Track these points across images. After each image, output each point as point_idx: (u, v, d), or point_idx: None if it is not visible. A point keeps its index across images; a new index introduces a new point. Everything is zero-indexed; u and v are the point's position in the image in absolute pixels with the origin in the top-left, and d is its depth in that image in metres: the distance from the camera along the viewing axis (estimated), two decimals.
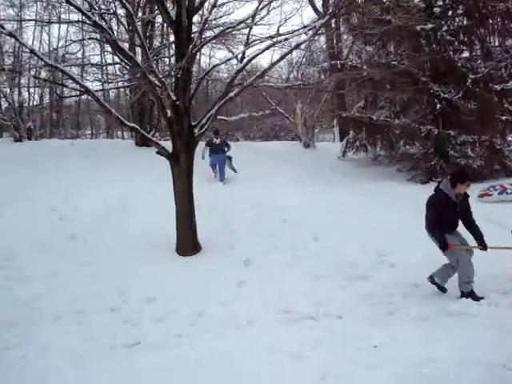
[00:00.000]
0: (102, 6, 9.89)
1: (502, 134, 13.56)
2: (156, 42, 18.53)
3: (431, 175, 13.29)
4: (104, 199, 11.33)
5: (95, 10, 8.67)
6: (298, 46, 8.23)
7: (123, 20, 13.69)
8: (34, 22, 19.56)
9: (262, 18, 8.61)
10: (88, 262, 8.38)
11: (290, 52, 8.65)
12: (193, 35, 8.61)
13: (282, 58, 8.36)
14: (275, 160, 16.10)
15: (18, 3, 19.25)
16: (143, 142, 14.89)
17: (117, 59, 12.73)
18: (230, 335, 5.64)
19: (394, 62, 13.73)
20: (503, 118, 12.90)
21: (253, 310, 6.31)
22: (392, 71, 13.54)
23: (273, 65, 8.47)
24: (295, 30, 8.20)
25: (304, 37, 8.77)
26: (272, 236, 9.35)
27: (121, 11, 11.77)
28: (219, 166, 13.88)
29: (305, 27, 8.29)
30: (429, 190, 12.26)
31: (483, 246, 6.42)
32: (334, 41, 19.30)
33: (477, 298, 6.09)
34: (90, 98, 8.57)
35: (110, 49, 14.69)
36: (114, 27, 13.61)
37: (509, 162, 13.40)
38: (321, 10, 18.47)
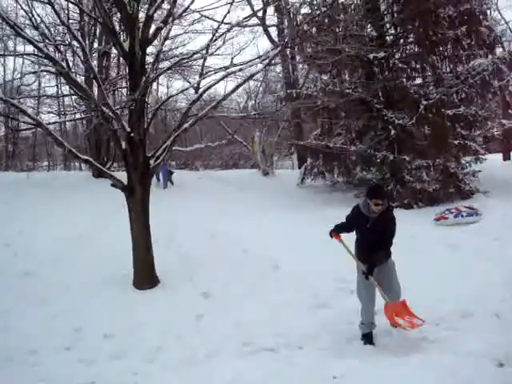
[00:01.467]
0: (58, 38, 9.79)
1: (456, 158, 13.85)
2: (112, 73, 18.46)
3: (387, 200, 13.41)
4: (60, 233, 11.09)
5: (50, 41, 8.55)
6: (252, 77, 8.29)
7: (79, 51, 13.59)
8: None
9: (218, 48, 8.66)
10: (43, 298, 8.10)
11: (245, 82, 8.70)
12: (147, 66, 8.60)
13: (236, 88, 8.37)
14: (235, 188, 16.14)
15: None
16: (100, 173, 14.69)
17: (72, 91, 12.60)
18: (189, 371, 5.51)
19: (347, 90, 13.96)
20: (456, 142, 13.20)
21: (212, 343, 6.20)
22: (346, 99, 13.79)
23: (227, 95, 8.48)
24: (250, 60, 8.24)
25: (260, 66, 8.85)
26: (231, 266, 9.26)
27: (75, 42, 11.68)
28: (162, 175, 17.23)
29: (259, 57, 8.35)
30: None
31: (366, 272, 5.85)
32: (290, 70, 19.63)
33: (366, 343, 5.85)
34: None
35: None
36: (70, 58, 13.51)
37: (463, 184, 13.66)
38: (276, 40, 18.76)
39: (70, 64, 8.93)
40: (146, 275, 8.57)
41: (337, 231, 6.49)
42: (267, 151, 18.80)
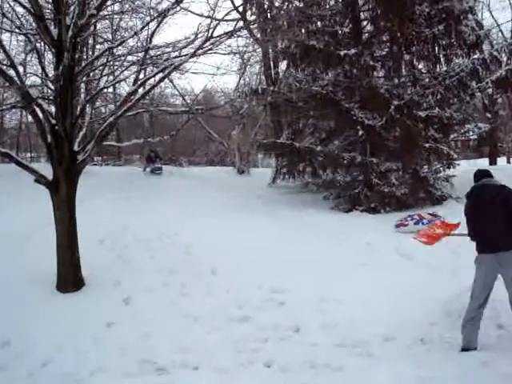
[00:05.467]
0: None
1: (427, 162, 13.27)
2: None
3: (355, 203, 12.92)
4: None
5: None
6: (178, 67, 7.71)
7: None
8: None
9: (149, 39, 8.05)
10: None
11: (170, 73, 8.10)
12: (80, 55, 8.06)
13: (161, 80, 7.85)
14: (204, 187, 15.60)
15: None
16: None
17: None
18: None
19: (315, 88, 13.38)
20: (426, 145, 12.60)
21: (106, 357, 5.68)
22: (317, 97, 13.25)
23: (152, 88, 7.94)
24: (183, 54, 7.68)
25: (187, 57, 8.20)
26: (168, 270, 8.71)
27: None
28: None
29: (192, 42, 7.77)
30: (347, 218, 12.11)
31: None
32: (272, 67, 19.08)
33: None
34: None
35: None
36: None
37: (434, 190, 13.08)
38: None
39: None
40: (69, 277, 8.02)
41: None
42: (243, 149, 18.28)
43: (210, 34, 7.90)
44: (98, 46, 15.45)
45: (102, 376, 5.26)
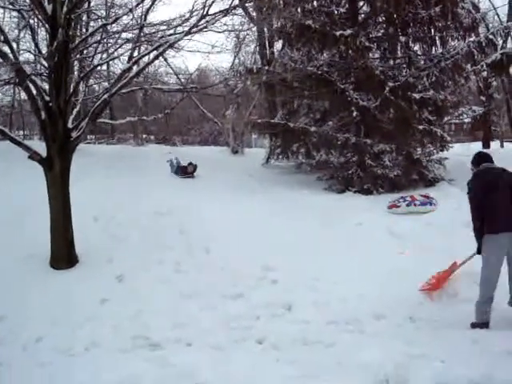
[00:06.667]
0: None
1: (420, 144, 13.29)
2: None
3: (348, 185, 12.93)
4: None
5: None
6: (172, 45, 7.67)
7: None
8: None
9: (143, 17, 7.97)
10: None
11: (165, 51, 8.08)
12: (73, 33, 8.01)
13: (156, 57, 7.80)
14: (198, 166, 15.55)
15: None
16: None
17: None
18: (56, 364, 5.03)
19: (310, 68, 13.33)
20: (420, 127, 12.60)
21: (100, 333, 5.76)
22: (312, 77, 13.21)
23: (147, 65, 7.92)
24: (178, 32, 7.64)
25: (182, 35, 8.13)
26: (162, 247, 8.76)
27: None
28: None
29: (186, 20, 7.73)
30: (340, 199, 12.16)
31: None
32: (267, 46, 18.94)
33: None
34: None
35: None
36: None
37: (427, 172, 13.11)
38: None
39: None
40: (63, 254, 8.10)
41: None
42: (237, 129, 18.23)
43: (205, 12, 7.85)
44: (92, 23, 15.26)
45: (96, 351, 5.33)
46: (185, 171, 14.16)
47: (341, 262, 8.04)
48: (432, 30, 13.88)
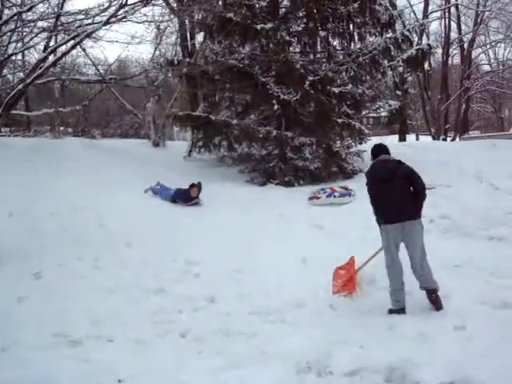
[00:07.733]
0: None
1: (339, 137, 13.61)
2: None
3: (269, 177, 13.08)
4: None
5: None
6: (90, 34, 7.47)
7: None
8: None
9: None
10: None
11: (82, 40, 7.88)
12: None
13: (71, 48, 7.59)
14: (116, 160, 15.17)
15: None
16: None
17: None
18: None
19: (232, 61, 13.36)
20: (339, 120, 12.90)
21: (19, 332, 5.47)
22: (234, 70, 13.23)
23: (63, 55, 7.67)
24: (96, 22, 7.43)
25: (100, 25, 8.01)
26: (81, 243, 8.51)
27: None
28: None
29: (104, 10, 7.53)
30: (262, 191, 12.27)
31: None
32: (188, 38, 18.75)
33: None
34: None
35: None
36: None
37: (346, 164, 13.46)
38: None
39: None
40: None
41: None
42: (158, 121, 17.94)
43: (124, 2, 7.71)
44: (6, 11, 14.56)
45: (13, 351, 5.09)
46: (188, 196, 11.11)
47: (262, 253, 8.15)
48: (351, 26, 14.34)
